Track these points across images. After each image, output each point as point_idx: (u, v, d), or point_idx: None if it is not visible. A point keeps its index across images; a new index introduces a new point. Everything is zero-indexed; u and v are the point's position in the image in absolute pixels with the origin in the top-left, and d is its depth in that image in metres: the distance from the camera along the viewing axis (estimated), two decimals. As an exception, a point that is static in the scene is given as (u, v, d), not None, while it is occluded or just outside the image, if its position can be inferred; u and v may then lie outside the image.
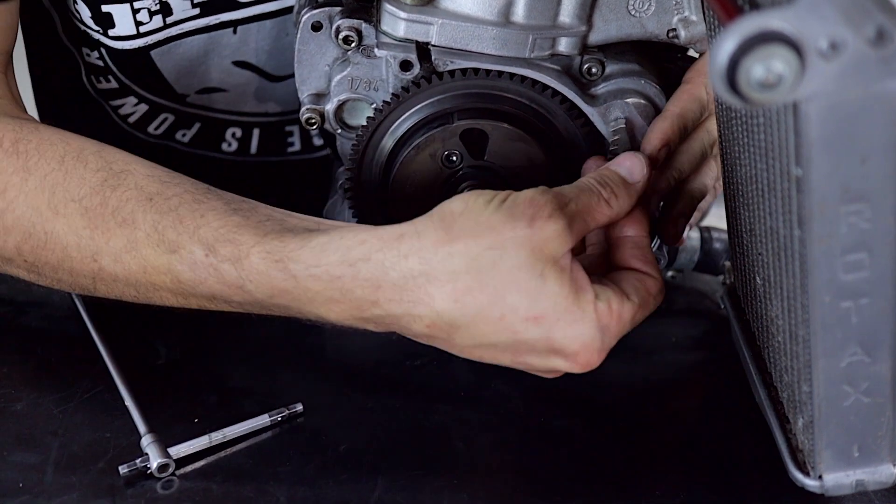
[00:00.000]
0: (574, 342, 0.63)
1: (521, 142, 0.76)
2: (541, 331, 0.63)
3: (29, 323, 0.85)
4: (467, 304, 0.62)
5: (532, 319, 0.63)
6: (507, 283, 0.62)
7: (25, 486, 0.70)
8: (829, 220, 0.55)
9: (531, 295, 0.62)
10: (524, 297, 0.62)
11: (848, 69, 0.50)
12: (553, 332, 0.63)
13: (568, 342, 0.63)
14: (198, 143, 0.95)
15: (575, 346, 0.63)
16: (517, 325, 0.63)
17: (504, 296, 0.62)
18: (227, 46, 0.87)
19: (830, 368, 0.60)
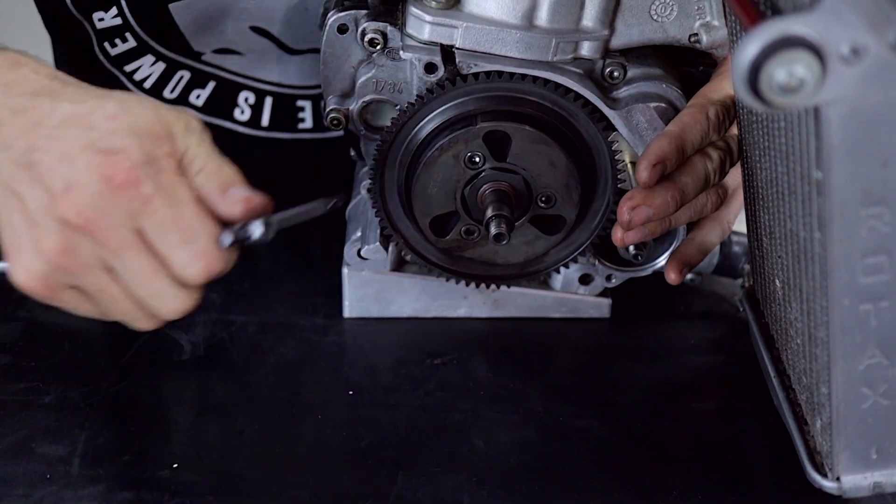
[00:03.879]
0: (119, 145, 0.61)
1: (544, 144, 0.77)
2: (113, 126, 0.61)
3: (56, 318, 0.86)
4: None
5: (110, 117, 0.62)
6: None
7: (53, 478, 0.71)
8: (849, 224, 0.56)
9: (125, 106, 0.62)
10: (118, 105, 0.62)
11: (869, 74, 0.51)
12: (122, 132, 0.61)
13: (117, 144, 0.61)
14: (211, 106, 0.95)
15: (118, 147, 0.61)
16: (97, 119, 0.62)
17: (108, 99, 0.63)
18: (244, 9, 0.87)
19: (849, 371, 0.61)
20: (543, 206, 0.79)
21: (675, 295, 0.92)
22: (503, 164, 0.77)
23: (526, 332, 0.88)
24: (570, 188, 0.79)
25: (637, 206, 0.75)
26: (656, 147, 0.74)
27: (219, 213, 0.63)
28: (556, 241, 0.82)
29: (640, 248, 0.83)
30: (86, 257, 0.62)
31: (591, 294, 0.88)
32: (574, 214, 0.80)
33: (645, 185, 0.74)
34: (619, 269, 0.87)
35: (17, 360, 0.81)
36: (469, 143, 0.76)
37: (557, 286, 0.88)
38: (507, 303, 0.88)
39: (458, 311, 0.89)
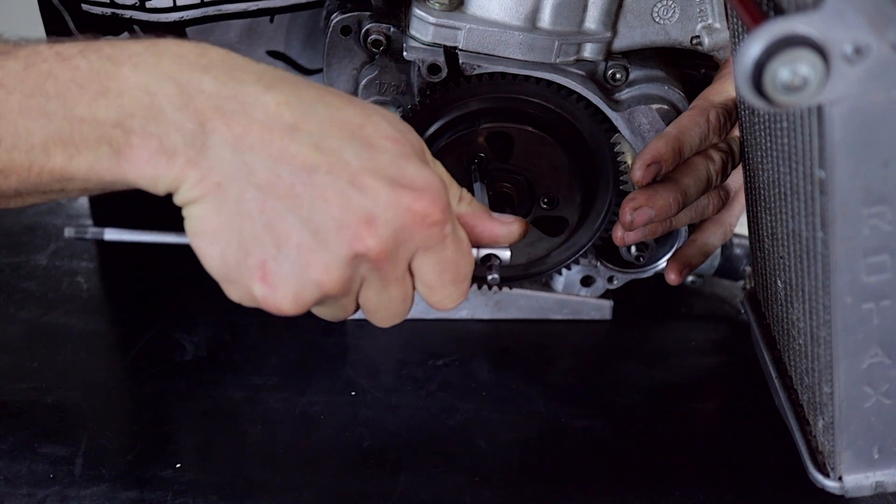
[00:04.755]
0: (421, 179, 0.57)
1: (546, 145, 0.77)
2: (397, 149, 0.57)
3: (58, 319, 0.86)
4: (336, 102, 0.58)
5: (391, 139, 0.57)
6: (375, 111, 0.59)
7: (56, 478, 0.71)
8: (851, 223, 0.56)
9: (395, 125, 0.59)
10: (386, 122, 0.58)
11: (872, 73, 0.51)
12: (407, 157, 0.57)
13: (418, 176, 0.57)
14: None
15: (420, 182, 0.57)
16: (375, 137, 0.57)
17: (370, 111, 0.58)
18: (262, 35, 0.87)
19: (851, 370, 0.61)
20: (546, 208, 0.80)
21: (676, 297, 0.92)
22: (506, 166, 0.78)
23: (527, 334, 0.88)
24: (573, 190, 0.79)
25: (639, 207, 0.75)
26: (652, 147, 0.74)
27: (493, 237, 0.63)
28: (558, 242, 0.82)
29: (642, 250, 0.83)
30: (357, 283, 0.58)
31: (592, 296, 0.89)
32: (576, 216, 0.80)
33: (638, 185, 0.75)
34: (621, 271, 0.87)
35: (19, 360, 0.81)
36: (472, 144, 0.77)
37: (559, 288, 0.88)
38: (508, 304, 0.88)
39: (460, 312, 0.89)
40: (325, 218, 0.56)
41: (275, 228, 0.55)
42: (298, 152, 0.56)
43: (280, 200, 0.55)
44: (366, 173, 0.56)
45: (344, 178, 0.56)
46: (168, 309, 0.87)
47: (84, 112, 0.56)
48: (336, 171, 0.56)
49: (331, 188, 0.55)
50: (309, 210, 0.55)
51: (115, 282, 0.93)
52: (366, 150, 0.57)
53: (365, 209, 0.56)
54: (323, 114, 0.57)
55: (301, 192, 0.55)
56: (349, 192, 0.56)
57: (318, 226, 0.56)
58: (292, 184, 0.55)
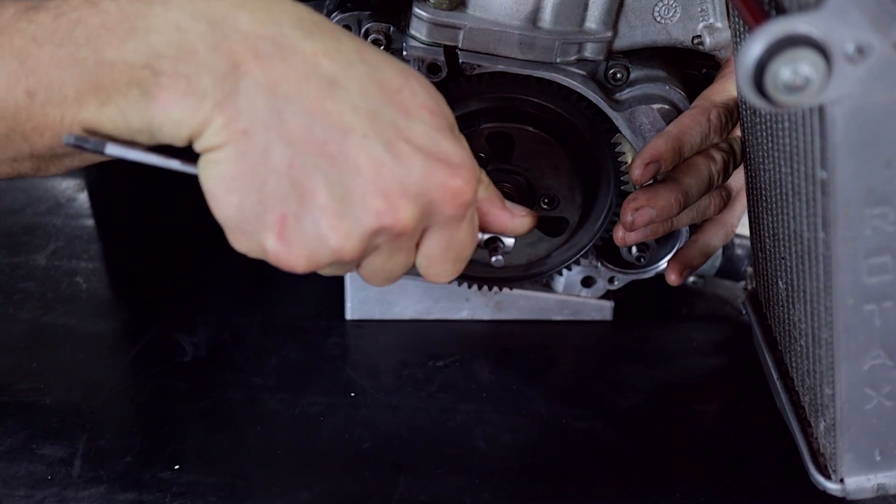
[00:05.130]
0: (456, 155, 0.55)
1: (547, 145, 0.77)
2: (433, 121, 0.55)
3: (57, 319, 0.86)
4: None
5: (427, 108, 0.55)
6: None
7: (54, 479, 0.71)
8: (853, 223, 0.56)
9: (431, 94, 0.56)
10: (423, 89, 0.56)
11: (874, 73, 0.51)
12: (442, 131, 0.55)
13: (454, 152, 0.55)
14: None
15: (456, 158, 0.55)
16: (412, 105, 0.55)
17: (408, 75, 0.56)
18: None
19: (853, 371, 0.61)
20: (546, 208, 0.79)
21: (677, 297, 0.92)
22: (506, 166, 0.77)
23: (528, 335, 0.88)
24: (573, 190, 0.79)
25: (640, 208, 0.75)
26: (652, 146, 0.74)
27: (503, 226, 0.62)
28: (559, 243, 0.82)
29: (643, 251, 0.83)
30: (369, 252, 0.57)
31: (593, 296, 0.88)
32: (577, 216, 0.80)
33: (637, 183, 0.75)
34: (622, 272, 0.87)
35: (18, 361, 0.81)
36: (472, 144, 0.76)
37: (560, 289, 0.88)
38: (509, 305, 0.88)
39: (460, 313, 0.88)
40: (356, 184, 0.53)
41: (301, 185, 0.53)
42: (335, 109, 0.53)
43: (310, 157, 0.53)
44: (401, 142, 0.54)
45: (380, 145, 0.54)
46: (167, 309, 0.87)
47: (114, 56, 0.54)
48: (372, 135, 0.53)
49: (365, 153, 0.53)
50: (339, 173, 0.53)
51: (114, 282, 0.92)
52: (402, 116, 0.55)
53: (398, 181, 0.54)
54: (361, 71, 0.54)
55: (334, 152, 0.53)
56: (384, 159, 0.53)
57: (346, 191, 0.53)
58: (325, 142, 0.53)
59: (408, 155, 0.54)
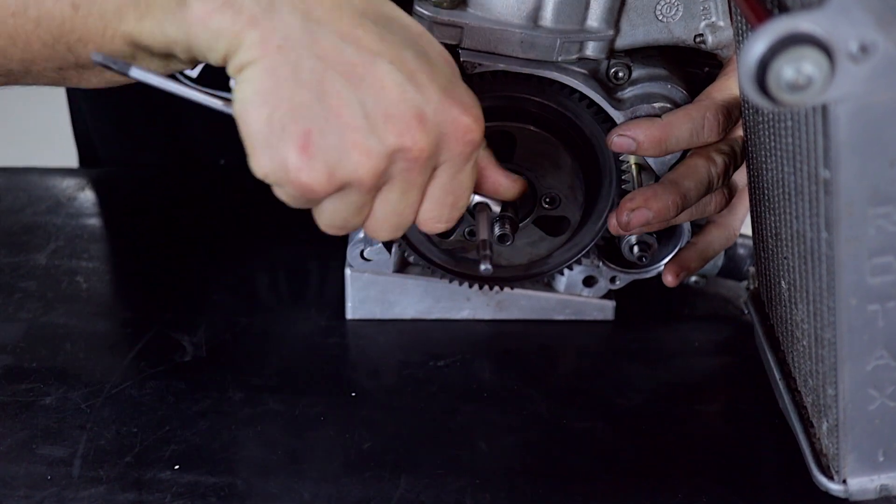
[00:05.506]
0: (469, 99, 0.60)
1: (548, 145, 0.76)
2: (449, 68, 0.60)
3: (57, 319, 0.86)
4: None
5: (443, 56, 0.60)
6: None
7: (53, 480, 0.71)
8: (856, 223, 0.55)
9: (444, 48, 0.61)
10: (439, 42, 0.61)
11: (878, 72, 0.50)
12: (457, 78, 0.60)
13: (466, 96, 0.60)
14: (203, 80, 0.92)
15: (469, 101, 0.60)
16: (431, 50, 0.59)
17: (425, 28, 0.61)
18: None
19: (856, 372, 0.60)
20: (548, 208, 0.79)
21: (679, 297, 0.92)
22: (507, 165, 0.77)
23: (529, 335, 0.87)
24: (575, 189, 0.78)
25: (637, 209, 0.75)
26: (632, 125, 0.75)
27: (496, 186, 0.66)
28: (560, 242, 0.81)
29: (644, 250, 0.82)
30: (386, 179, 0.59)
31: (594, 296, 0.88)
32: (578, 216, 0.80)
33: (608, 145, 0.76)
34: (623, 271, 0.86)
35: (18, 360, 0.81)
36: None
37: (561, 288, 0.88)
38: (510, 305, 0.88)
39: (461, 313, 0.88)
40: (380, 106, 0.56)
41: (328, 101, 0.56)
42: (364, 37, 0.57)
43: (340, 76, 0.56)
44: (423, 75, 0.58)
45: (404, 72, 0.57)
46: (168, 309, 0.87)
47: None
48: (398, 63, 0.57)
49: (390, 77, 0.57)
50: (366, 92, 0.56)
51: (114, 282, 0.92)
52: (423, 56, 0.59)
53: (418, 107, 0.57)
54: (387, 12, 0.59)
55: (362, 73, 0.56)
56: (407, 85, 0.57)
57: (371, 109, 0.56)
58: (355, 63, 0.56)
59: (427, 87, 0.58)
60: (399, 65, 0.57)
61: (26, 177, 1.03)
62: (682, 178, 0.76)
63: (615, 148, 0.76)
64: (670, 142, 0.75)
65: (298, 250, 0.93)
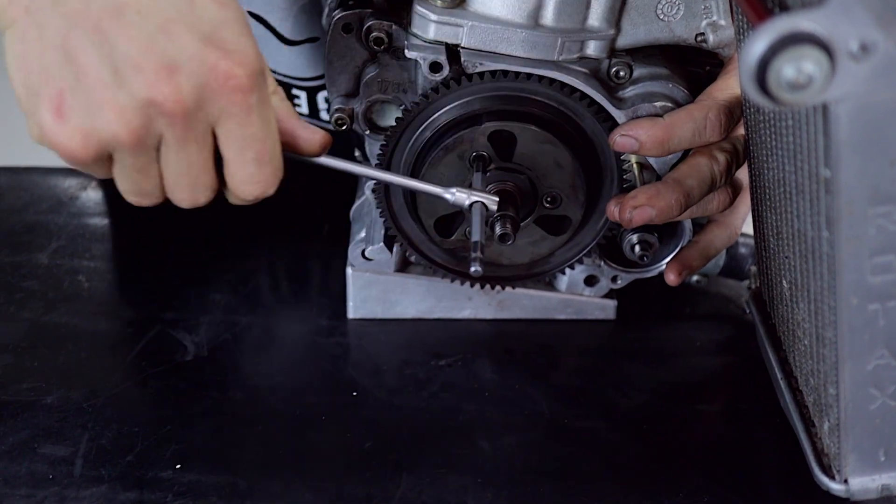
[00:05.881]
0: (235, 43, 0.57)
1: (549, 144, 0.76)
2: (219, 12, 0.57)
3: (59, 318, 0.86)
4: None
5: (216, 1, 0.57)
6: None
7: (55, 479, 0.71)
8: (857, 222, 0.55)
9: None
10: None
11: (878, 71, 0.50)
12: (228, 22, 0.57)
13: (233, 41, 0.57)
14: None
15: (234, 45, 0.56)
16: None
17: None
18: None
19: (857, 371, 0.60)
20: (549, 207, 0.79)
21: (680, 297, 0.92)
22: (508, 164, 0.77)
23: (531, 334, 0.87)
24: (576, 188, 0.78)
25: (640, 206, 0.75)
26: (635, 125, 0.75)
27: (293, 137, 0.62)
28: (562, 241, 0.81)
29: (646, 249, 0.82)
30: (151, 139, 0.57)
31: (596, 295, 0.88)
32: (580, 215, 0.80)
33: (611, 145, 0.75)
34: (625, 271, 0.86)
35: (19, 360, 0.81)
36: (474, 143, 0.76)
37: (562, 287, 0.88)
38: (512, 304, 0.88)
39: (462, 312, 0.88)
40: (127, 57, 0.55)
41: (75, 59, 0.55)
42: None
43: (84, 32, 0.54)
44: (178, 24, 0.56)
45: (154, 22, 0.55)
46: (169, 309, 0.87)
47: None
48: (147, 13, 0.55)
49: (137, 28, 0.55)
50: (111, 46, 0.55)
51: (116, 281, 0.92)
52: (187, 4, 0.56)
53: (168, 56, 0.55)
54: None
55: (107, 27, 0.55)
56: (157, 36, 0.55)
57: (118, 63, 0.55)
58: (100, 18, 0.55)
59: (181, 35, 0.55)
60: (148, 14, 0.55)
61: (28, 176, 1.03)
62: (685, 177, 0.76)
63: (617, 147, 0.76)
64: (673, 142, 0.75)
65: (300, 250, 0.93)
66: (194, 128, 0.57)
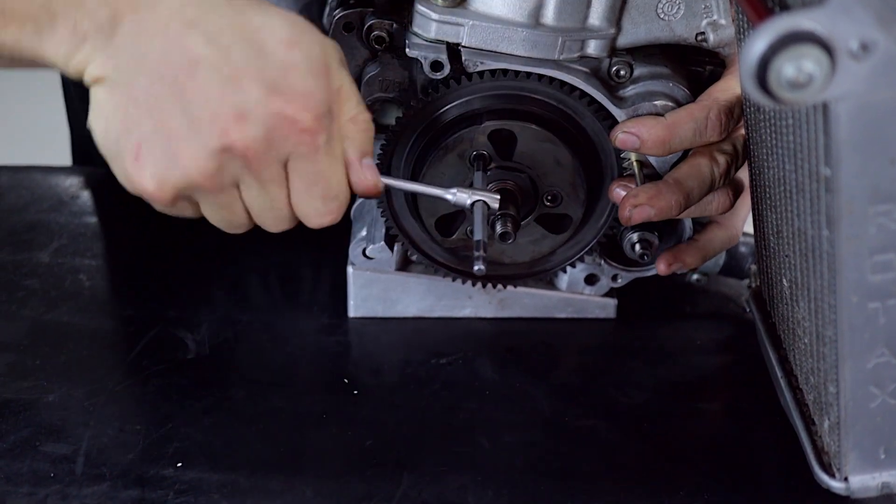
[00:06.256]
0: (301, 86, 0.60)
1: (549, 143, 0.77)
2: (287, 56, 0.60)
3: (60, 317, 0.86)
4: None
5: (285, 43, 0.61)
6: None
7: (57, 477, 0.71)
8: (857, 221, 0.55)
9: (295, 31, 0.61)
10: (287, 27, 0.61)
11: (878, 70, 0.50)
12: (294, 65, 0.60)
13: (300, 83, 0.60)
14: None
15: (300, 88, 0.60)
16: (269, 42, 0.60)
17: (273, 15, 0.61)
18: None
19: (857, 369, 0.60)
20: (549, 205, 0.79)
21: (681, 295, 0.92)
22: (509, 163, 0.77)
23: (531, 332, 0.87)
24: (577, 187, 0.78)
25: (640, 206, 0.75)
26: (637, 123, 0.75)
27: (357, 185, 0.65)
28: (563, 240, 0.82)
29: (646, 248, 0.82)
30: (228, 180, 0.62)
31: (596, 294, 0.88)
32: (580, 213, 0.80)
33: (612, 141, 0.76)
34: (625, 269, 0.86)
35: (21, 358, 0.81)
36: (474, 142, 0.76)
37: (563, 286, 0.88)
38: (512, 303, 0.88)
39: (463, 310, 0.88)
40: (201, 108, 0.59)
41: (154, 112, 0.60)
42: (189, 44, 0.60)
43: (164, 87, 0.60)
44: (247, 74, 0.60)
45: (224, 74, 0.59)
46: (171, 307, 0.87)
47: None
48: (219, 66, 0.59)
49: (210, 82, 0.59)
50: (188, 100, 0.59)
51: (117, 279, 0.92)
52: (255, 52, 0.60)
53: (237, 105, 0.59)
54: (224, 13, 0.61)
55: (184, 81, 0.59)
56: (227, 87, 0.60)
57: (193, 115, 0.59)
58: (177, 73, 0.60)
59: (249, 84, 0.60)
60: (220, 67, 0.59)
61: (29, 175, 1.03)
62: (685, 178, 0.76)
63: (619, 144, 0.76)
64: (674, 141, 0.75)
65: (301, 248, 0.93)
66: (268, 168, 0.62)
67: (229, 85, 0.59)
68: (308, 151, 0.61)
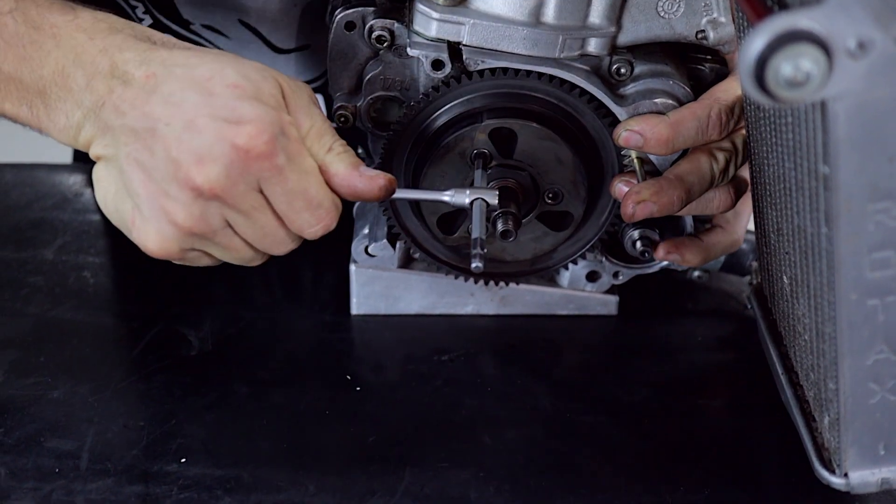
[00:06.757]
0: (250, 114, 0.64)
1: (550, 141, 0.77)
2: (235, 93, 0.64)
3: (65, 314, 0.86)
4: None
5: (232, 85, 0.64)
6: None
7: (61, 472, 0.71)
8: (856, 218, 0.56)
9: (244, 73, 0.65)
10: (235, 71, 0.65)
11: (876, 69, 0.50)
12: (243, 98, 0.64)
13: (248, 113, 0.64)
14: None
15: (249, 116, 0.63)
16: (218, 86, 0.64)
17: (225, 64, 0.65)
18: (235, 1, 0.86)
19: (857, 366, 0.61)
20: (550, 203, 0.80)
21: (682, 292, 0.92)
22: (510, 161, 0.78)
23: (533, 329, 0.88)
24: (577, 184, 0.79)
25: (642, 202, 0.75)
26: (642, 119, 0.76)
27: (353, 192, 0.67)
28: (564, 237, 0.82)
29: (647, 245, 0.83)
30: (216, 221, 0.65)
31: (598, 291, 0.89)
32: (581, 210, 0.80)
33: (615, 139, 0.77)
34: (627, 266, 0.87)
35: (26, 355, 0.82)
36: (475, 140, 0.77)
37: (565, 283, 0.88)
38: (514, 300, 0.88)
39: (465, 308, 0.89)
40: (167, 163, 0.63)
41: (137, 179, 0.64)
42: (150, 111, 0.64)
43: (139, 153, 0.64)
44: (201, 117, 0.63)
45: (180, 125, 0.63)
46: (174, 303, 0.88)
47: (11, 70, 0.67)
48: (174, 119, 0.63)
49: (169, 136, 0.63)
50: (157, 158, 0.63)
51: (121, 276, 0.93)
52: (205, 97, 0.64)
53: (195, 150, 0.63)
54: (179, 74, 0.65)
55: (151, 143, 0.64)
56: (184, 135, 0.63)
57: (163, 171, 0.63)
58: (145, 139, 0.64)
59: (204, 128, 0.63)
60: (176, 120, 0.63)
61: (33, 173, 1.04)
62: (686, 174, 0.76)
63: (623, 143, 0.76)
64: (678, 140, 0.76)
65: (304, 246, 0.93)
66: (244, 199, 0.64)
67: (186, 132, 0.63)
68: (272, 174, 0.64)
